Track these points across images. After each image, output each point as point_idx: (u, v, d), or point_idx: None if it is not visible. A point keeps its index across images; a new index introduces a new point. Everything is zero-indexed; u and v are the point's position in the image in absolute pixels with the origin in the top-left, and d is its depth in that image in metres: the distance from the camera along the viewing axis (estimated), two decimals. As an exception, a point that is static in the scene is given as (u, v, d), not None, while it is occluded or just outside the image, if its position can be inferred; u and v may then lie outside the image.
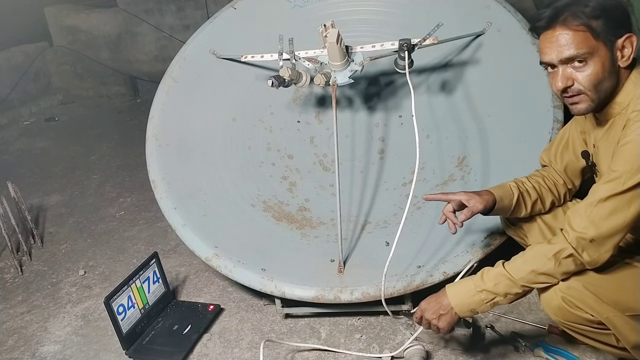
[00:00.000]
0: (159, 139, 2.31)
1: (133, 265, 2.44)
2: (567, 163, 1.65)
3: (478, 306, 1.44)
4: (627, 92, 1.35)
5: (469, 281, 1.47)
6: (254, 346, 1.89)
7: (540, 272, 1.38)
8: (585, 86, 1.32)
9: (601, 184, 1.34)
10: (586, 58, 1.29)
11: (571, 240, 1.34)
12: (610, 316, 1.38)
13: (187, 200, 2.17)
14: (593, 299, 1.38)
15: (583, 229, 1.32)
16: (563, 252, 1.35)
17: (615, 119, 1.39)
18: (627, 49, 1.31)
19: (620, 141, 1.33)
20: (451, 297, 1.47)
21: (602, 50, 1.29)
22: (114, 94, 5.48)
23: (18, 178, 3.44)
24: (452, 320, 1.48)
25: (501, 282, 1.40)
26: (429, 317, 1.51)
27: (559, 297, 1.39)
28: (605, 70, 1.30)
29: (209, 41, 2.51)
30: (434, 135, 2.33)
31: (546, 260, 1.37)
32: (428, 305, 1.53)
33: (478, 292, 1.43)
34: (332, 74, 2.03)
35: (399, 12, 2.41)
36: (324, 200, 2.33)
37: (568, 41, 1.29)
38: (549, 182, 1.66)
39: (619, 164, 1.31)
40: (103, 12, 5.42)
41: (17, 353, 2.01)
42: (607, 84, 1.33)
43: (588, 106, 1.35)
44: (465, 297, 1.45)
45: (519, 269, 1.40)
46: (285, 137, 2.50)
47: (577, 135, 1.61)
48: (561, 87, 1.33)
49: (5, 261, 2.64)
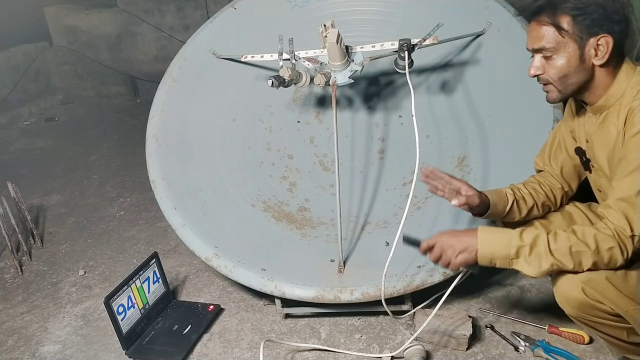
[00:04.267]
0: (159, 139, 2.30)
1: (133, 265, 2.44)
2: (562, 164, 1.66)
3: (501, 259, 1.41)
4: (620, 83, 1.39)
5: (506, 233, 1.43)
6: (254, 346, 1.89)
7: (576, 250, 1.35)
8: (551, 77, 1.42)
9: (622, 178, 1.35)
10: (552, 53, 1.39)
11: (614, 233, 1.33)
12: (630, 309, 1.38)
13: (187, 200, 2.17)
14: (614, 291, 1.37)
15: (622, 224, 1.32)
16: (607, 242, 1.33)
17: (609, 111, 1.42)
18: (602, 48, 1.36)
19: (628, 132, 1.35)
20: (481, 238, 1.43)
21: (570, 46, 1.37)
22: (114, 94, 5.48)
23: (18, 178, 3.44)
24: (470, 261, 1.45)
25: (537, 246, 1.37)
26: (447, 248, 1.46)
27: (580, 289, 1.38)
28: (571, 66, 1.39)
29: (209, 41, 2.51)
30: (433, 135, 2.33)
31: (588, 242, 1.34)
32: (450, 238, 1.47)
33: (511, 246, 1.39)
34: (332, 74, 2.03)
35: (399, 12, 2.41)
36: (324, 200, 2.33)
37: (539, 35, 1.40)
38: (545, 188, 1.67)
39: (634, 156, 1.32)
40: (103, 12, 5.42)
41: (17, 353, 2.01)
42: (574, 79, 1.41)
43: (556, 96, 1.45)
44: (496, 244, 1.42)
45: (560, 240, 1.37)
46: (285, 137, 2.50)
47: (567, 134, 1.62)
48: (531, 74, 1.45)
49: (5, 261, 2.64)
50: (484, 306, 1.97)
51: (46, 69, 5.58)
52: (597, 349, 1.71)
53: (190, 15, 5.19)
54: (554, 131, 1.70)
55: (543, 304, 1.95)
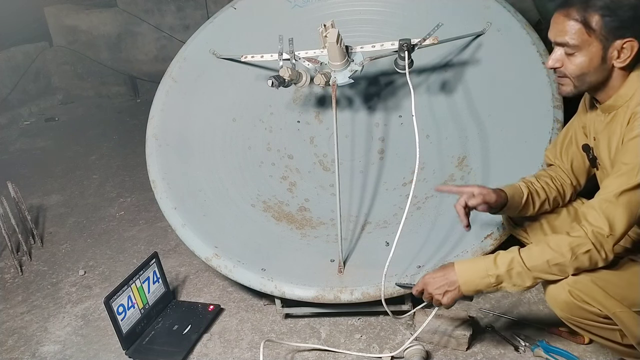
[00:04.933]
0: (159, 139, 2.30)
1: (133, 265, 2.43)
2: (572, 159, 1.65)
3: (485, 288, 1.43)
4: (631, 85, 1.38)
5: (480, 262, 1.45)
6: (254, 346, 1.89)
7: (554, 263, 1.36)
8: (570, 73, 1.40)
9: (613, 179, 1.35)
10: (575, 50, 1.36)
11: (590, 235, 1.33)
12: (618, 311, 1.38)
13: (187, 200, 2.17)
14: (601, 293, 1.37)
15: (600, 224, 1.32)
16: (582, 247, 1.34)
17: (618, 112, 1.41)
18: (626, 52, 1.33)
19: (627, 135, 1.34)
20: (460, 274, 1.46)
21: (595, 46, 1.34)
22: (114, 94, 5.48)
23: (18, 178, 3.44)
24: (457, 297, 1.48)
25: (514, 269, 1.39)
26: (433, 291, 1.49)
27: (566, 291, 1.39)
28: (592, 65, 1.36)
29: (209, 41, 2.51)
30: (433, 135, 2.33)
31: (563, 252, 1.35)
32: (433, 279, 1.50)
33: (488, 276, 1.41)
34: (332, 74, 2.03)
35: (399, 12, 2.41)
36: (324, 200, 2.33)
37: (564, 28, 1.36)
38: (557, 183, 1.66)
39: (628, 158, 1.32)
40: (103, 12, 5.41)
41: (17, 353, 2.01)
42: (593, 78, 1.39)
43: (570, 91, 1.43)
44: (474, 277, 1.44)
45: (534, 257, 1.39)
46: (285, 137, 2.50)
47: (579, 129, 1.62)
48: (550, 66, 1.42)
49: (5, 261, 2.64)
50: (484, 306, 1.97)
51: (46, 69, 5.57)
52: (597, 349, 1.71)
53: (190, 15, 5.18)
54: (567, 125, 1.68)
55: (543, 304, 1.95)
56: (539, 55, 2.09)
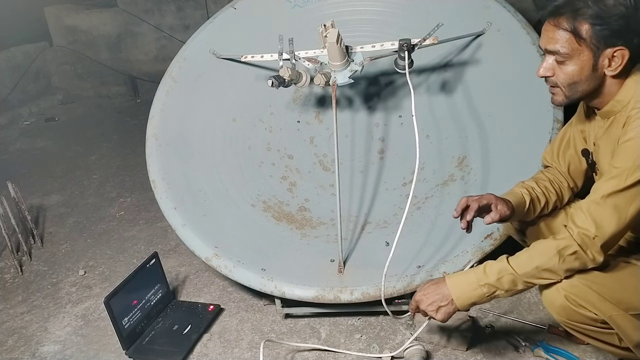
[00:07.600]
0: (159, 139, 2.30)
1: (133, 265, 2.43)
2: (569, 162, 1.65)
3: (479, 299, 1.43)
4: (628, 90, 1.36)
5: (470, 274, 1.45)
6: (254, 346, 1.89)
7: (544, 268, 1.37)
8: (561, 82, 1.39)
9: (603, 182, 1.35)
10: (565, 58, 1.35)
11: (575, 237, 1.34)
12: (614, 315, 1.38)
13: (187, 200, 2.17)
14: (596, 297, 1.37)
15: (587, 226, 1.32)
16: (568, 249, 1.34)
17: (616, 117, 1.40)
18: (617, 60, 1.32)
19: (621, 138, 1.34)
20: (452, 288, 1.46)
21: (585, 55, 1.33)
22: (114, 94, 5.48)
23: (18, 178, 3.44)
24: (452, 312, 1.47)
25: (504, 277, 1.40)
26: (427, 308, 1.49)
27: (562, 296, 1.39)
28: (583, 74, 1.35)
29: (209, 41, 2.51)
30: (433, 135, 2.33)
31: (551, 256, 1.36)
32: (425, 295, 1.50)
33: (480, 286, 1.42)
34: (332, 74, 2.03)
35: (399, 12, 2.41)
36: (324, 200, 2.33)
37: (554, 36, 1.35)
38: (556, 186, 1.66)
39: (620, 161, 1.32)
40: (103, 12, 5.41)
41: (17, 353, 2.01)
42: (584, 87, 1.38)
43: (562, 100, 1.42)
44: (466, 290, 1.44)
45: (523, 264, 1.39)
46: (285, 137, 2.50)
47: (578, 133, 1.61)
48: (540, 74, 1.41)
49: (5, 261, 2.64)
50: (484, 306, 1.97)
51: (46, 69, 5.58)
52: (597, 349, 1.70)
53: (190, 15, 5.19)
54: (564, 128, 1.67)
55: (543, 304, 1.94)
56: (539, 55, 2.09)
